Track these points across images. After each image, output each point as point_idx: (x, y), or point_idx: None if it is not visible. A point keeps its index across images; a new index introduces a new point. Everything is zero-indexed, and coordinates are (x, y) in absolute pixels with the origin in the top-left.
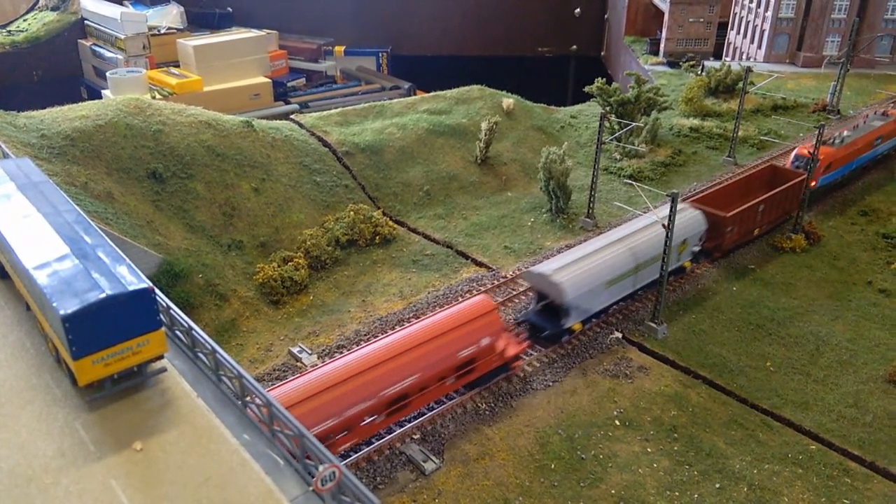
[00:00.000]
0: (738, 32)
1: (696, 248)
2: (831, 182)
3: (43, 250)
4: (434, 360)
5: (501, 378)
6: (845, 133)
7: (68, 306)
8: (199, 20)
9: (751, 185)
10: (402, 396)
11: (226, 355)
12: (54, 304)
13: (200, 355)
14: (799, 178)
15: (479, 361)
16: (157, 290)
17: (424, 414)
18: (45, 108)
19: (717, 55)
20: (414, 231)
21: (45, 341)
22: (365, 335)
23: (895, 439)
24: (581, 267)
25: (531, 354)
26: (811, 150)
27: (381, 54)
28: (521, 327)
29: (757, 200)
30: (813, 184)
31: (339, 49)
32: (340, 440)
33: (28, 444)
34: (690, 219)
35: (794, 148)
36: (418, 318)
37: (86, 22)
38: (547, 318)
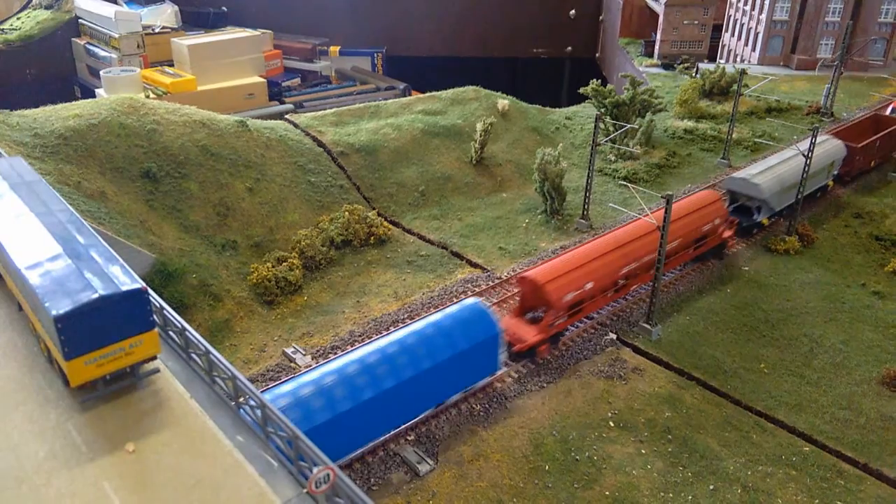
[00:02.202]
0: (733, 35)
1: (836, 172)
2: None
3: (35, 250)
4: (690, 230)
5: (490, 383)
6: None
7: (61, 306)
8: (193, 19)
9: (861, 130)
10: (652, 264)
11: (219, 356)
12: (46, 305)
13: (194, 356)
14: None
15: (709, 237)
16: (150, 291)
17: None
18: (38, 106)
19: (712, 57)
20: (409, 232)
21: (38, 341)
22: (359, 336)
23: (888, 441)
24: (771, 175)
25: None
26: None
27: (376, 54)
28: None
29: (875, 137)
30: None
31: (334, 49)
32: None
33: (20, 446)
34: (836, 146)
35: (890, 102)
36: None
37: (80, 20)
38: (741, 215)
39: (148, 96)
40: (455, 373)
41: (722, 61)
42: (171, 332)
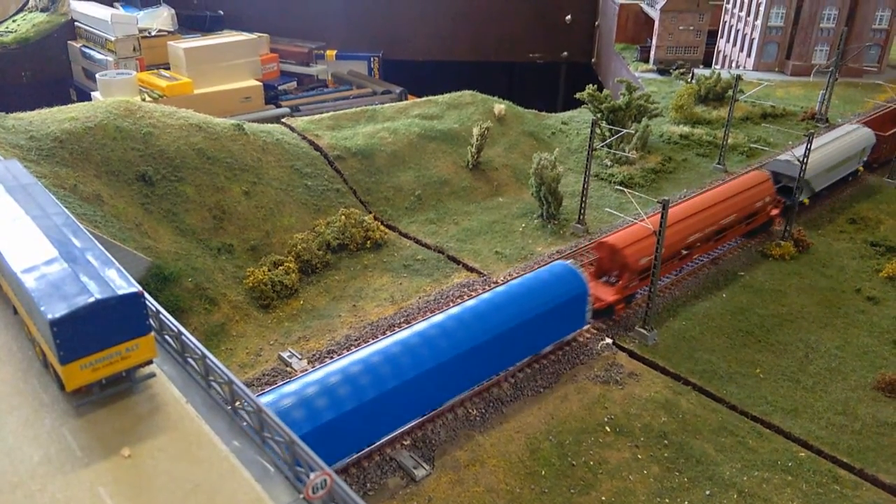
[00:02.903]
0: (728, 41)
1: (865, 159)
2: None
3: (31, 253)
4: (743, 206)
5: (487, 388)
6: None
7: (56, 310)
8: (189, 23)
9: (886, 120)
10: (720, 231)
11: (216, 360)
12: (42, 308)
13: (190, 360)
14: None
15: (759, 215)
16: (146, 295)
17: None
18: (34, 109)
19: (707, 63)
20: (405, 236)
21: (33, 345)
22: (356, 340)
23: (884, 446)
24: (813, 157)
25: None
26: None
27: (372, 59)
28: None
29: None
30: None
31: (331, 53)
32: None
33: (14, 450)
34: (867, 134)
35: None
36: (722, 183)
37: (75, 23)
38: (784, 195)
39: (144, 99)
40: (551, 325)
41: (717, 67)
42: (167, 337)
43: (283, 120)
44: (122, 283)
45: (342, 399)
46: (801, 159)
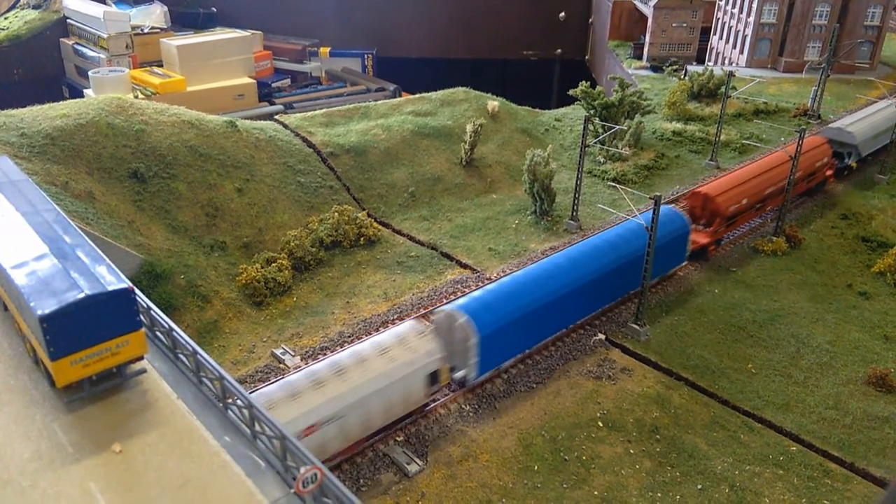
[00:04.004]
0: (721, 37)
1: None
2: None
3: (21, 249)
4: (807, 165)
5: (481, 384)
6: None
7: (46, 306)
8: (182, 20)
9: None
10: (788, 186)
11: (207, 356)
12: (32, 304)
13: (181, 356)
14: None
15: (818, 173)
16: (136, 291)
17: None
18: (25, 106)
19: (700, 60)
20: (399, 233)
21: (23, 342)
22: (349, 337)
23: (875, 441)
24: (862, 125)
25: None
26: None
27: (366, 56)
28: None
29: None
30: None
31: (325, 50)
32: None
33: (5, 447)
34: None
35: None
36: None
37: (68, 21)
38: (836, 158)
39: (137, 97)
40: (662, 259)
41: (710, 64)
42: (158, 333)
43: (276, 117)
44: (113, 279)
45: (510, 310)
46: (850, 128)
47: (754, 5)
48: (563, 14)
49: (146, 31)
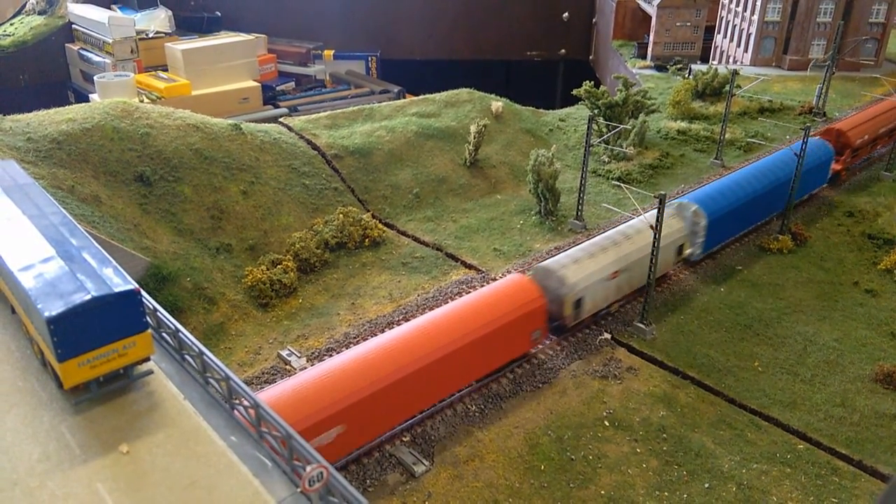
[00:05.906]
0: (725, 36)
1: None
2: None
3: (28, 252)
4: (891, 119)
5: (486, 384)
6: None
7: (53, 308)
8: (187, 24)
9: None
10: (891, 130)
11: (213, 357)
12: (39, 306)
13: (187, 357)
14: None
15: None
16: (143, 292)
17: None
18: (32, 111)
19: (704, 59)
20: (403, 234)
21: (31, 344)
22: (354, 338)
23: (882, 438)
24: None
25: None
26: None
27: (370, 58)
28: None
29: None
30: None
31: (329, 53)
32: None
33: (13, 448)
34: None
35: None
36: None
37: (73, 26)
38: None
39: (142, 101)
40: (809, 179)
41: (714, 62)
42: (164, 334)
43: (280, 119)
44: (119, 281)
45: (725, 203)
46: None
47: (758, 3)
48: (566, 14)
49: (151, 35)
